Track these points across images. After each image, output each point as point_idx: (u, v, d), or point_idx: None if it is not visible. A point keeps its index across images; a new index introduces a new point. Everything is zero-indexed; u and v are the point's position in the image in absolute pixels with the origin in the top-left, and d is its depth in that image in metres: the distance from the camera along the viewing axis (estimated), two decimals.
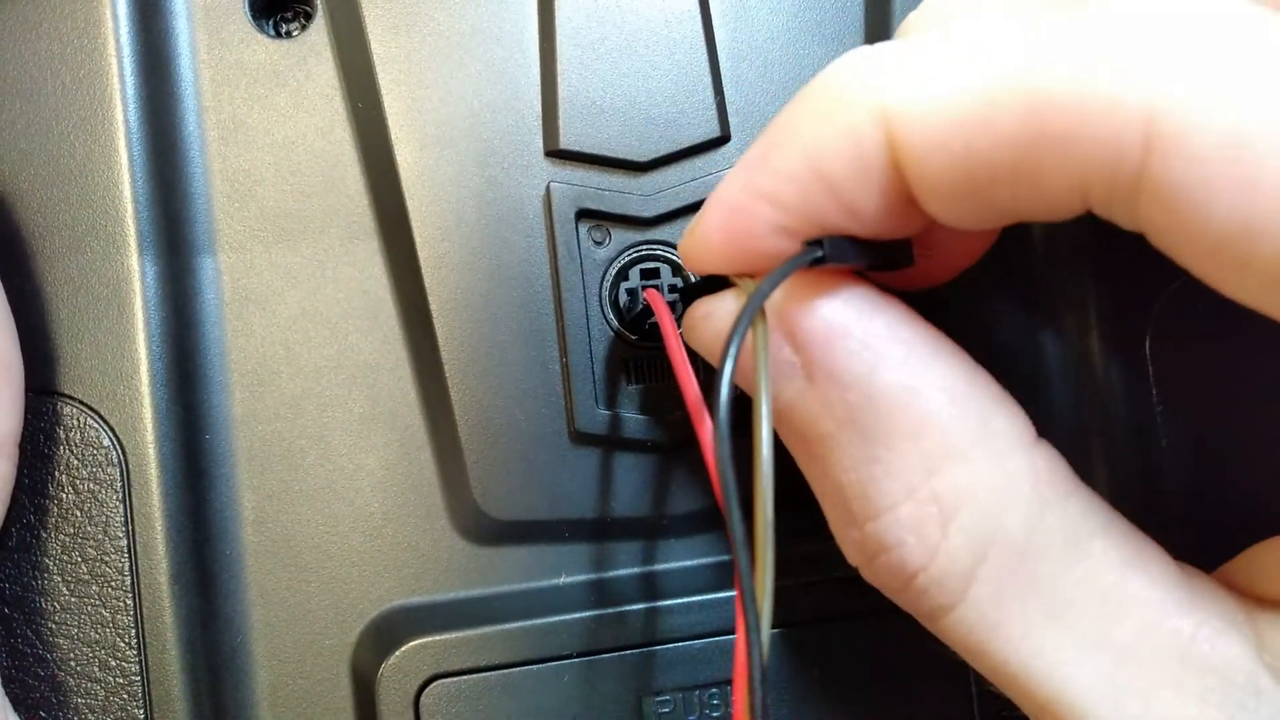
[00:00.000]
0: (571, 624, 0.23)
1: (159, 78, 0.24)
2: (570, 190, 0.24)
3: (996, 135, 0.15)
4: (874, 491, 0.17)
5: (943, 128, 0.15)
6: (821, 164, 0.16)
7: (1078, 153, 0.14)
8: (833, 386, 0.17)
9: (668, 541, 0.25)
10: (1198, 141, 0.13)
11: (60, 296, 0.23)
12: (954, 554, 0.17)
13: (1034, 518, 0.17)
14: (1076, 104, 0.14)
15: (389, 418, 0.24)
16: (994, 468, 0.17)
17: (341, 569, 0.24)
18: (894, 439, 0.17)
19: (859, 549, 0.18)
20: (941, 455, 0.17)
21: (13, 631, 0.22)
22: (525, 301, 0.24)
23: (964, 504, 0.17)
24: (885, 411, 0.17)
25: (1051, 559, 0.17)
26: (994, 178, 0.15)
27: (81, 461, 0.23)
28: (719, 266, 0.19)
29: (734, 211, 0.18)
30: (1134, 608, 0.17)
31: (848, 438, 0.17)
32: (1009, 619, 0.17)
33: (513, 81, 0.24)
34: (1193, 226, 0.14)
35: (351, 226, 0.24)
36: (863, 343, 0.17)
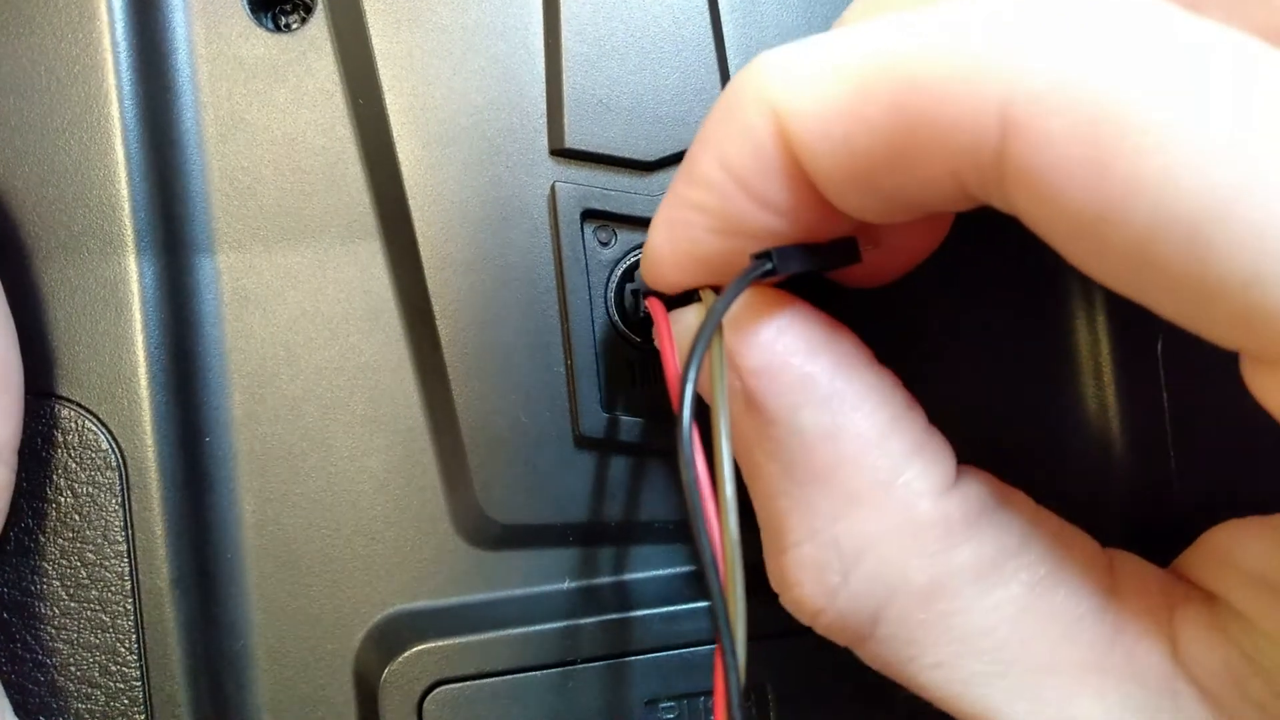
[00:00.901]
0: (576, 629, 0.23)
1: (155, 73, 0.23)
2: (575, 190, 0.23)
3: (870, 124, 0.15)
4: (785, 526, 0.18)
5: (822, 119, 0.15)
6: (730, 165, 0.17)
7: (941, 138, 0.15)
8: (761, 419, 0.18)
9: (673, 546, 0.24)
10: (1049, 126, 0.13)
11: (56, 297, 0.23)
12: (855, 599, 0.17)
13: (941, 561, 0.17)
14: (936, 89, 0.14)
15: (391, 420, 0.24)
16: (901, 517, 0.17)
17: (343, 573, 0.24)
18: (808, 479, 0.17)
19: (772, 578, 0.19)
20: (849, 501, 0.17)
21: (12, 636, 0.22)
22: (529, 302, 0.23)
23: (866, 552, 0.17)
24: (803, 451, 0.17)
25: (961, 593, 0.17)
26: (875, 166, 0.15)
27: (80, 465, 0.22)
28: (678, 282, 0.19)
29: (671, 225, 0.18)
30: (1049, 623, 0.17)
31: (772, 469, 0.18)
32: (920, 653, 0.17)
33: (517, 79, 0.23)
34: (1052, 211, 0.14)
35: (353, 225, 0.24)
36: (791, 381, 0.18)
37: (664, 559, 0.25)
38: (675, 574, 0.24)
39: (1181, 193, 0.13)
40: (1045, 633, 0.17)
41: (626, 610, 0.23)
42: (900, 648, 0.18)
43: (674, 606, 0.23)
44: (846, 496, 0.17)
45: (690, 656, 0.23)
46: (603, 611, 0.23)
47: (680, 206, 0.18)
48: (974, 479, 0.19)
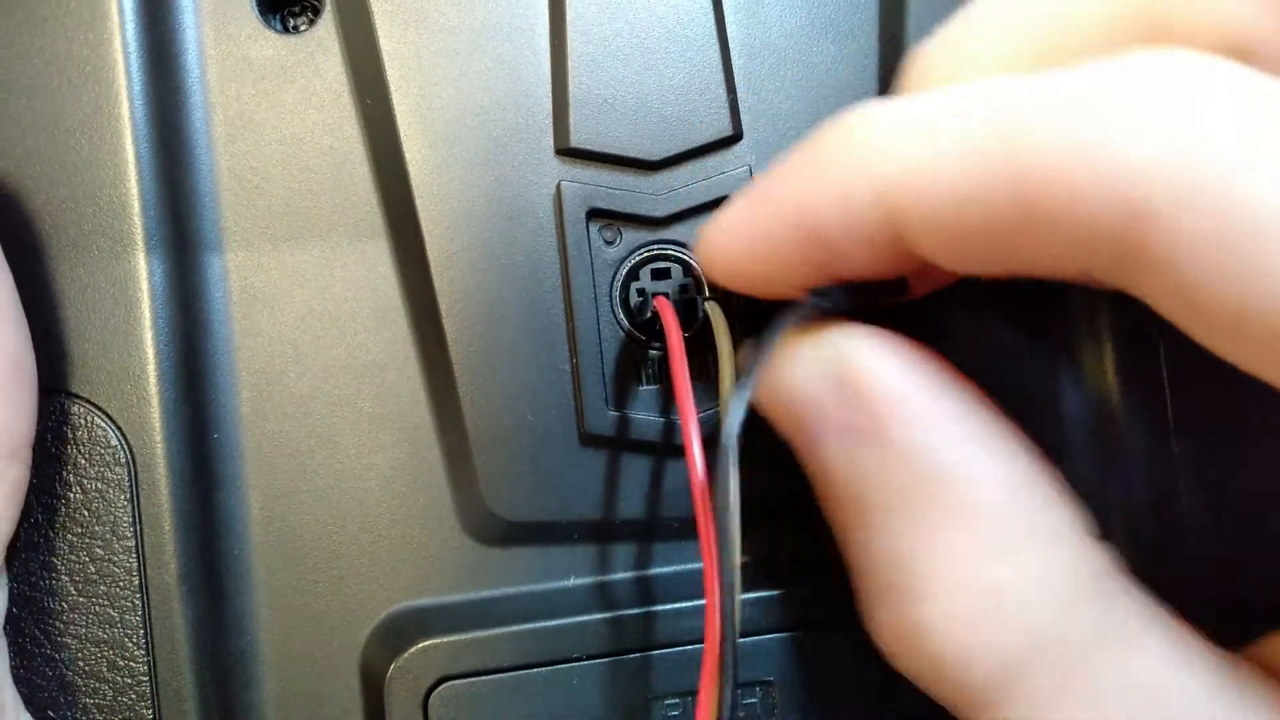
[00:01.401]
0: (581, 626, 0.23)
1: (165, 74, 0.23)
2: (581, 189, 0.23)
3: (987, 214, 0.15)
4: (921, 573, 0.16)
5: (936, 208, 0.15)
6: (821, 230, 0.17)
7: (1066, 237, 0.14)
8: (894, 457, 0.17)
9: (678, 544, 0.25)
10: (1190, 228, 0.13)
11: (67, 295, 0.23)
12: (1005, 654, 0.16)
13: (1085, 616, 0.16)
14: (1064, 181, 0.14)
15: (397, 417, 0.24)
16: (1048, 564, 0.16)
17: (350, 569, 0.24)
18: (948, 521, 0.16)
19: (894, 633, 0.17)
20: (996, 546, 0.16)
21: (21, 631, 0.22)
22: (535, 301, 0.24)
23: (1019, 600, 0.16)
24: (944, 494, 0.16)
25: (1101, 658, 0.16)
26: (989, 252, 0.15)
27: (89, 461, 0.23)
28: (735, 281, 0.19)
29: (739, 239, 0.18)
30: (1186, 705, 0.16)
31: (899, 512, 0.17)
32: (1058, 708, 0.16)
33: (523, 79, 0.24)
34: (1185, 307, 0.14)
35: (360, 224, 0.24)
36: (934, 418, 0.17)
37: (669, 556, 0.25)
38: (681, 571, 0.25)
39: None
40: (1182, 714, 0.16)
41: (632, 607, 0.23)
42: (1032, 713, 0.16)
43: (679, 603, 0.23)
44: (997, 542, 0.16)
45: (695, 653, 0.23)
46: (608, 608, 0.23)
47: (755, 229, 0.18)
48: (1107, 545, 0.18)
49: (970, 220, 0.15)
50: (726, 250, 0.18)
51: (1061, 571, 0.16)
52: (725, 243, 0.18)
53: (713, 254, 0.19)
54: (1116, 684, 0.16)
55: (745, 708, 0.23)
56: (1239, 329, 0.13)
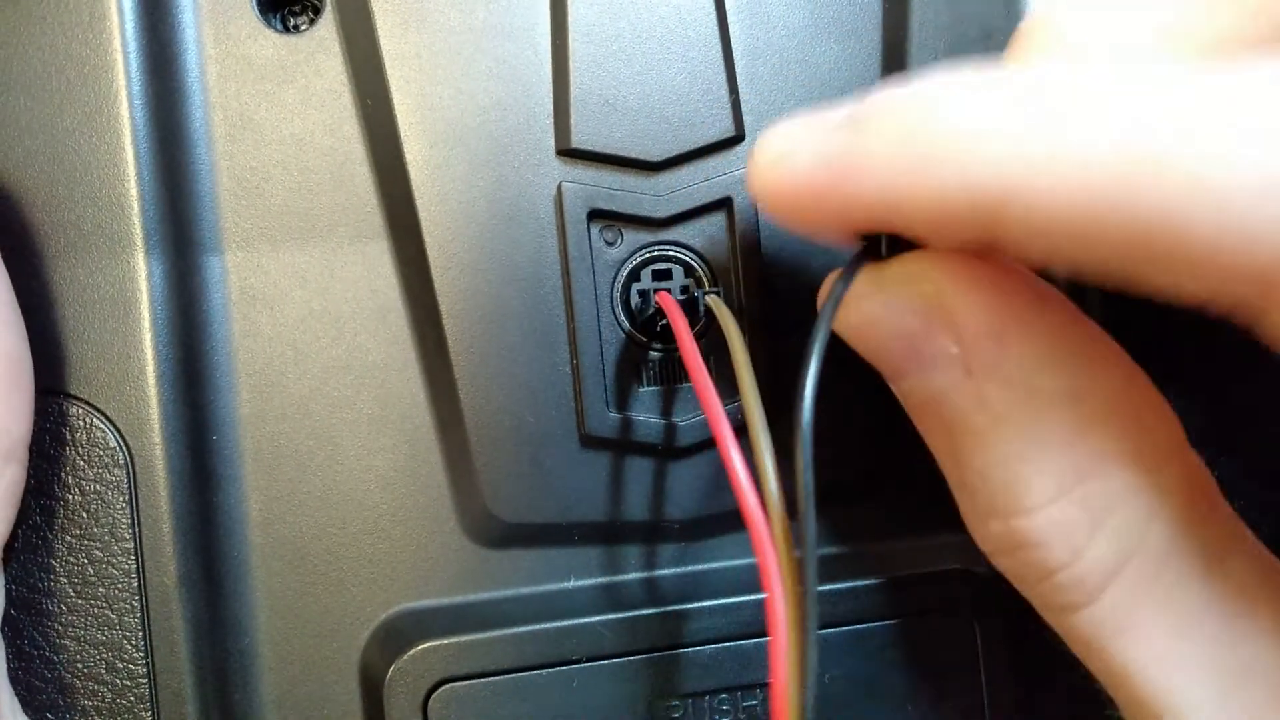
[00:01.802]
0: (581, 629, 0.23)
1: (165, 73, 0.23)
2: (582, 190, 0.23)
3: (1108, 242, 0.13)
4: (1022, 490, 0.17)
5: (1051, 223, 0.13)
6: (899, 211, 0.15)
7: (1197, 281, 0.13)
8: (994, 384, 0.17)
9: (678, 546, 0.24)
10: None
11: (65, 295, 0.23)
12: (1097, 558, 0.17)
13: (1178, 530, 0.17)
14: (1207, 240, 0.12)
15: (398, 419, 0.24)
16: (1146, 477, 0.17)
17: (349, 571, 0.24)
18: (1050, 440, 0.17)
19: (998, 541, 0.18)
20: (1096, 460, 0.17)
21: (19, 633, 0.22)
22: (536, 302, 0.23)
23: (1113, 510, 0.17)
24: (1045, 413, 0.17)
25: (1188, 573, 0.17)
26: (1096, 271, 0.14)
27: (88, 462, 0.22)
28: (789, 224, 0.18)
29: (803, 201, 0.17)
30: (1261, 628, 0.16)
31: (1001, 434, 0.17)
32: (1136, 625, 0.17)
33: (524, 79, 0.23)
34: None
35: (360, 225, 0.24)
36: (1028, 340, 0.17)
37: (671, 558, 0.25)
38: (681, 573, 0.24)
39: None
40: (1252, 640, 0.17)
41: (632, 609, 0.23)
42: (1119, 615, 0.17)
43: (679, 605, 0.23)
44: (1094, 455, 0.17)
45: (695, 655, 0.23)
46: (608, 610, 0.23)
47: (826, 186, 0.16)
48: (1198, 458, 0.18)
49: (1091, 248, 0.13)
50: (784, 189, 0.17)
51: (1157, 486, 0.17)
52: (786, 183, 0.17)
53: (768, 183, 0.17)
54: (1197, 596, 0.17)
55: (746, 710, 0.23)
56: None
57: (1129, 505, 0.17)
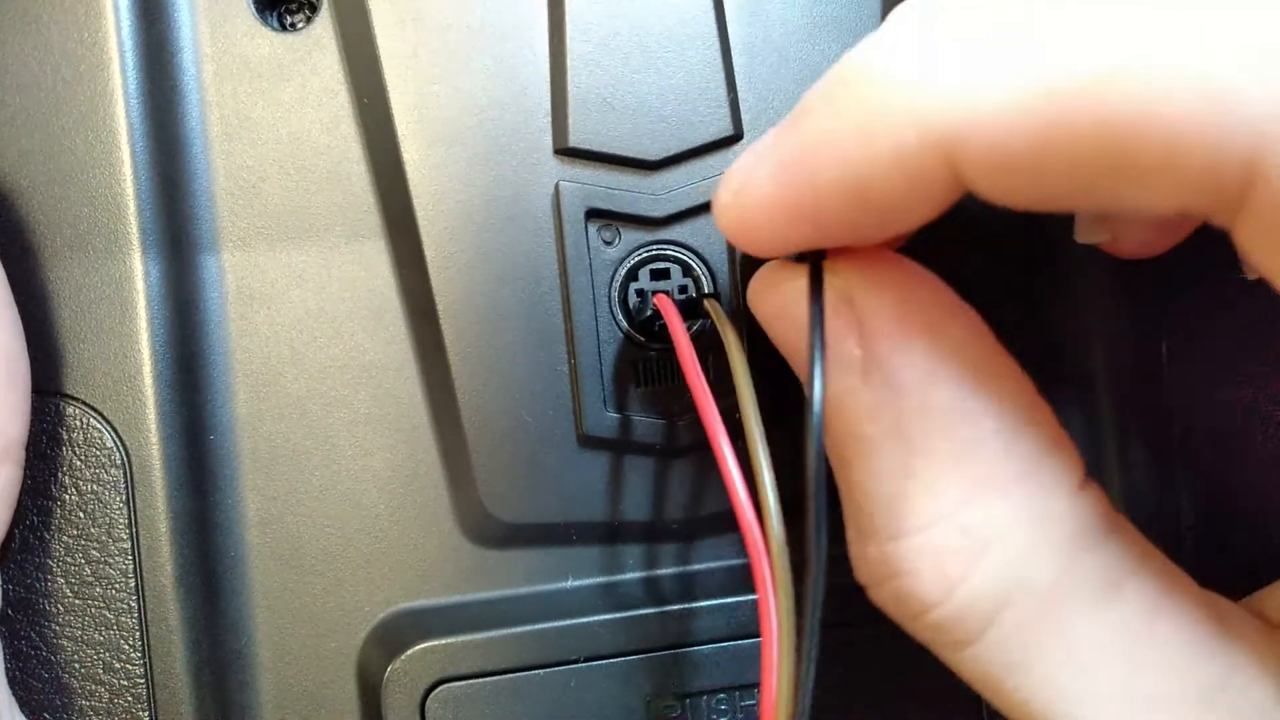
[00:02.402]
0: (578, 628, 0.23)
1: (161, 72, 0.23)
2: (579, 189, 0.23)
3: (1067, 157, 0.13)
4: (902, 509, 0.16)
5: (1006, 152, 0.13)
6: (868, 190, 0.15)
7: (1163, 181, 0.13)
8: (888, 390, 0.16)
9: (676, 546, 0.24)
10: None
11: (62, 295, 0.23)
12: (976, 593, 0.16)
13: (1066, 562, 0.16)
14: (1166, 134, 0.12)
15: (395, 419, 0.24)
16: (1034, 508, 0.16)
17: (347, 571, 0.24)
18: (937, 458, 0.16)
19: (872, 567, 0.17)
20: (982, 485, 0.16)
21: (16, 633, 0.22)
22: (533, 302, 0.23)
23: (995, 542, 0.16)
24: (935, 428, 0.16)
25: (1080, 604, 0.16)
26: (1065, 197, 0.14)
27: (85, 463, 0.22)
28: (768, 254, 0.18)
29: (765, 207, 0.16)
30: (1162, 654, 0.16)
31: (889, 446, 0.16)
32: (1028, 662, 0.16)
33: (521, 78, 0.23)
34: None
35: (357, 224, 0.24)
36: (931, 352, 0.16)
37: (668, 558, 0.25)
38: (679, 573, 0.24)
39: None
40: (1157, 662, 0.16)
41: (630, 609, 0.23)
42: (1009, 654, 0.16)
43: (677, 605, 0.23)
44: (980, 481, 0.16)
45: (693, 655, 0.23)
46: (606, 610, 0.23)
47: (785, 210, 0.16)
48: (1096, 488, 0.17)
49: (1047, 169, 0.13)
50: (754, 211, 0.16)
51: (1045, 519, 0.16)
52: (754, 205, 0.16)
53: (735, 215, 0.17)
54: (1092, 627, 0.16)
55: (744, 709, 0.23)
56: None
57: (1012, 536, 0.16)
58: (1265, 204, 0.12)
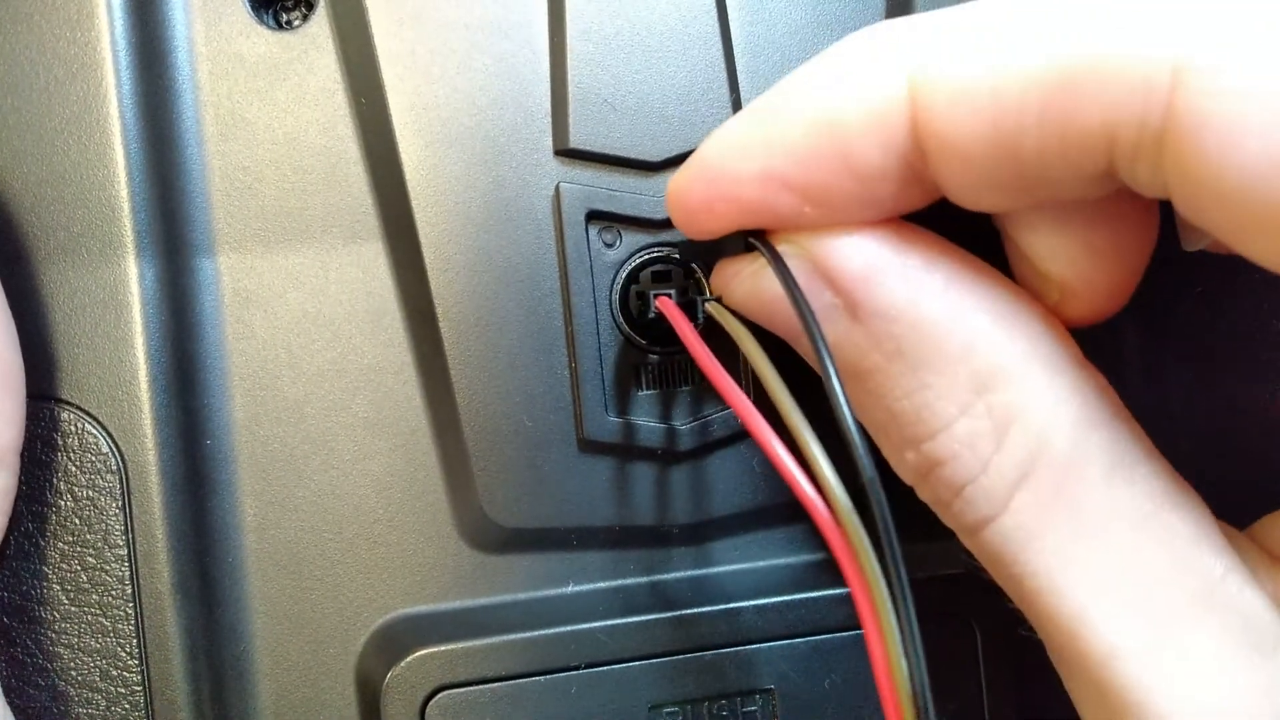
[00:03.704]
0: (579, 634, 0.23)
1: (155, 71, 0.23)
2: (580, 191, 0.23)
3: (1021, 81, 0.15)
4: (928, 414, 0.18)
5: (965, 87, 0.15)
6: (840, 127, 0.16)
7: (1103, 104, 0.14)
8: (878, 321, 0.18)
9: (677, 551, 0.24)
10: (1228, 78, 0.13)
11: (56, 299, 0.22)
12: (1002, 466, 0.17)
13: (1080, 437, 0.17)
14: (1103, 62, 0.14)
15: (393, 423, 0.24)
16: (1044, 385, 0.17)
17: (345, 577, 0.24)
18: (943, 363, 0.17)
19: (914, 469, 0.19)
20: (991, 373, 0.17)
21: (12, 640, 0.22)
22: (533, 304, 0.23)
23: (1015, 419, 0.17)
24: (932, 339, 0.17)
25: (1093, 480, 0.17)
26: (1021, 132, 0.15)
27: (80, 468, 0.22)
28: (712, 228, 0.19)
29: (717, 178, 0.18)
30: (1168, 539, 0.17)
31: (898, 368, 0.18)
32: (1044, 533, 0.17)
33: (521, 77, 0.23)
34: (1222, 172, 0.14)
35: (355, 226, 0.24)
36: (903, 276, 0.17)
37: (669, 563, 0.24)
38: (680, 578, 0.24)
39: None
40: (1162, 546, 0.17)
41: (631, 614, 0.23)
42: (1027, 523, 0.17)
43: (678, 611, 0.23)
44: (989, 369, 0.17)
45: (694, 661, 0.23)
46: (606, 616, 0.23)
47: (743, 148, 0.18)
48: (1096, 370, 0.18)
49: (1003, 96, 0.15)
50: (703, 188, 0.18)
51: (1055, 394, 0.17)
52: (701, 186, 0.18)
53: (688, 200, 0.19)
54: (1102, 504, 0.17)
55: (745, 715, 0.23)
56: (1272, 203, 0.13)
57: (1030, 413, 0.17)
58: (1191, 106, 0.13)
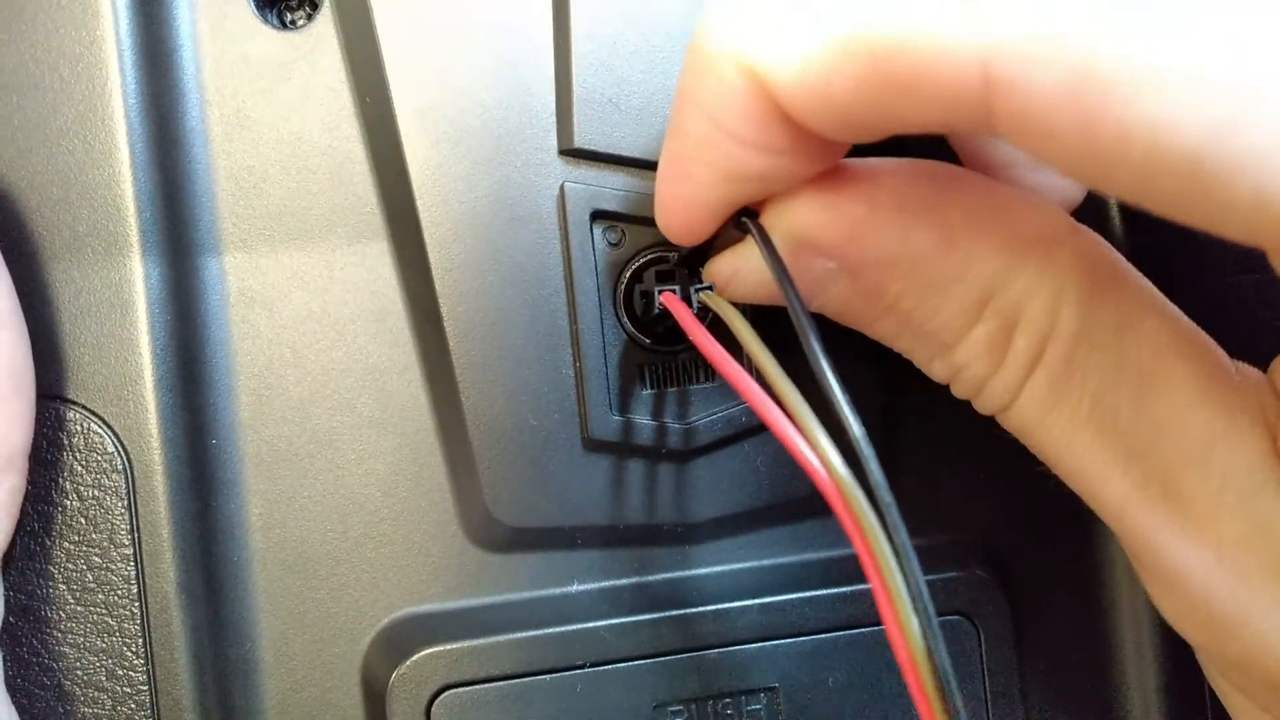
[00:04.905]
0: (584, 633, 0.23)
1: (160, 71, 0.23)
2: (585, 190, 0.23)
3: (850, 84, 0.15)
4: (945, 331, 0.19)
5: (802, 79, 0.16)
6: (717, 119, 0.17)
7: (924, 98, 0.15)
8: (875, 274, 0.19)
9: (682, 550, 0.24)
10: (1032, 83, 0.14)
11: (61, 299, 0.22)
12: (1016, 359, 0.18)
13: (1086, 307, 0.18)
14: (912, 56, 0.15)
15: (398, 422, 0.24)
16: (1040, 271, 0.18)
17: (351, 576, 0.24)
18: (945, 286, 0.18)
19: (945, 374, 0.20)
20: (990, 278, 0.18)
21: (18, 640, 0.22)
22: (538, 304, 0.23)
23: (1022, 313, 0.18)
24: (928, 271, 0.18)
25: (1101, 344, 0.18)
26: (861, 115, 0.16)
27: (86, 468, 0.22)
28: (692, 233, 0.20)
29: (674, 181, 0.19)
30: (1172, 389, 0.18)
31: (907, 304, 0.19)
32: (1057, 407, 0.18)
33: (526, 77, 0.23)
34: (1047, 152, 0.15)
35: (360, 226, 0.24)
36: (883, 228, 0.18)
37: (674, 561, 0.24)
38: (685, 576, 0.24)
39: (1177, 134, 0.13)
40: (1166, 396, 0.18)
41: (636, 613, 0.23)
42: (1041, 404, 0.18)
43: (683, 610, 0.23)
44: (987, 276, 0.18)
45: (699, 660, 0.23)
46: (611, 615, 0.23)
47: (679, 163, 0.19)
48: (1092, 233, 0.19)
49: (836, 91, 0.16)
50: (671, 199, 0.19)
51: (1056, 272, 0.18)
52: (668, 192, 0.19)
53: (664, 212, 0.20)
54: (1110, 363, 0.18)
55: (750, 714, 0.23)
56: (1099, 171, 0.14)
57: (1034, 304, 0.18)
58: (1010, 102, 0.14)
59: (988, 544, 0.26)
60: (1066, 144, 0.14)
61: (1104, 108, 0.13)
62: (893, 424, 0.25)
